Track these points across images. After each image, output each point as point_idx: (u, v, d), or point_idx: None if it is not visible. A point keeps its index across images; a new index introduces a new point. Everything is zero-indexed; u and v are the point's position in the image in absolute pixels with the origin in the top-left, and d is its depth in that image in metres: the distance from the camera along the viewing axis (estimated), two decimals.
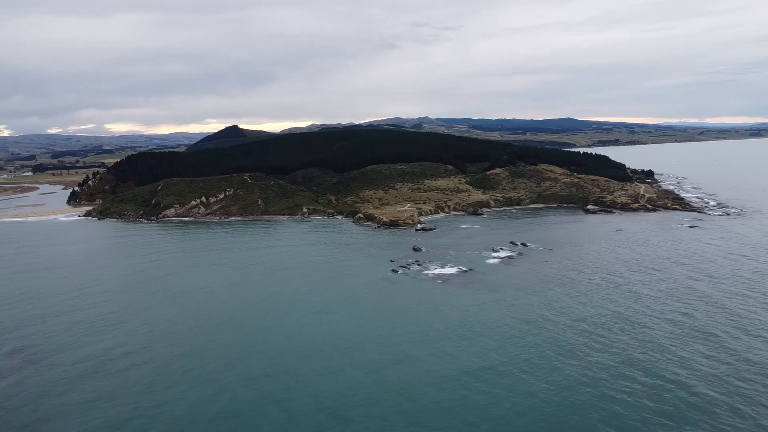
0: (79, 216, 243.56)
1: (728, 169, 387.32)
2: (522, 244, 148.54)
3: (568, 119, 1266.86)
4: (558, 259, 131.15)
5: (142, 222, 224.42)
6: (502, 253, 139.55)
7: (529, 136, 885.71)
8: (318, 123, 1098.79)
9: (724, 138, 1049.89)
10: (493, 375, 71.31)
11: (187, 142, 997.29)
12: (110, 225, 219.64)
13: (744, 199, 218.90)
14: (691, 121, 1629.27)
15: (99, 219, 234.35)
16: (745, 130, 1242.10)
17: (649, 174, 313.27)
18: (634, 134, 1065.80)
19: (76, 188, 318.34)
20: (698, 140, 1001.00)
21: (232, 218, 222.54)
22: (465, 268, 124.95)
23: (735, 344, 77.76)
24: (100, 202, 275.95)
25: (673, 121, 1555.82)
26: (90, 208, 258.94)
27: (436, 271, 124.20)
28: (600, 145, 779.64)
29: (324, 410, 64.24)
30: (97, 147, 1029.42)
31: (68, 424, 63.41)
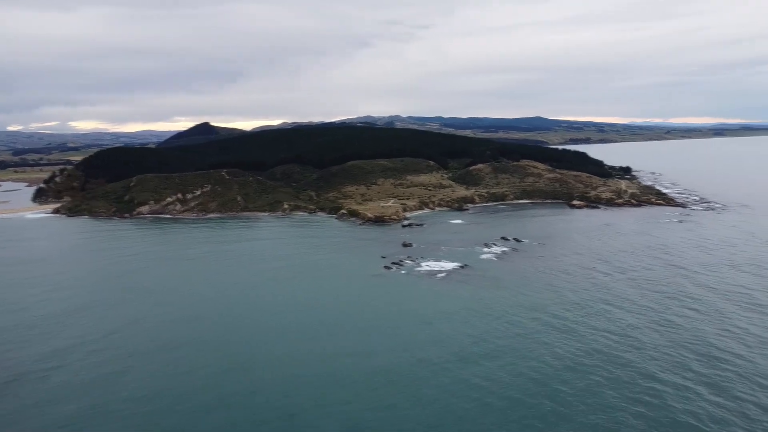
0: (47, 213, 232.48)
1: (699, 166, 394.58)
2: (514, 239, 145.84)
3: (539, 118, 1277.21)
4: (554, 254, 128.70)
5: (114, 219, 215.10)
6: (495, 249, 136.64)
7: (501, 134, 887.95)
8: (289, 121, 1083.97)
9: (689, 137, 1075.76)
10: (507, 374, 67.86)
11: (155, 140, 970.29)
12: (81, 222, 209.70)
13: (722, 194, 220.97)
14: (656, 120, 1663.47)
15: (68, 216, 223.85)
16: (708, 129, 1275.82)
17: (627, 170, 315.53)
18: (603, 133, 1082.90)
19: (43, 185, 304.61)
20: (665, 139, 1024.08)
21: (211, 215, 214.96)
22: (460, 264, 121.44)
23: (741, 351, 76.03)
24: (69, 199, 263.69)
25: (639, 120, 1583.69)
26: (58, 205, 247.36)
27: (431, 267, 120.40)
28: (572, 143, 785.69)
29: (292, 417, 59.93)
30: (61, 144, 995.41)
31: (30, 426, 59.15)
